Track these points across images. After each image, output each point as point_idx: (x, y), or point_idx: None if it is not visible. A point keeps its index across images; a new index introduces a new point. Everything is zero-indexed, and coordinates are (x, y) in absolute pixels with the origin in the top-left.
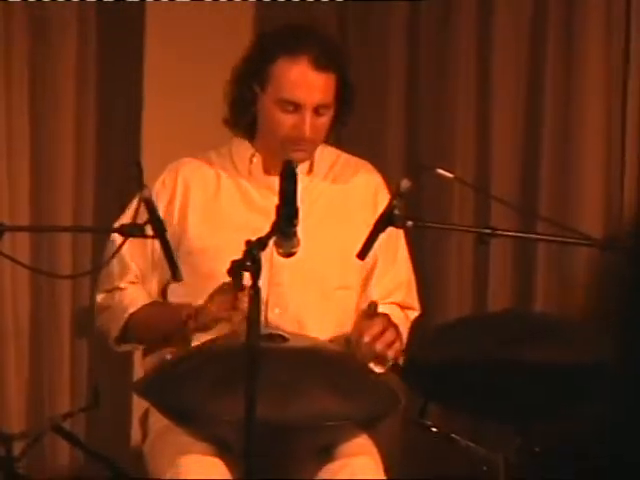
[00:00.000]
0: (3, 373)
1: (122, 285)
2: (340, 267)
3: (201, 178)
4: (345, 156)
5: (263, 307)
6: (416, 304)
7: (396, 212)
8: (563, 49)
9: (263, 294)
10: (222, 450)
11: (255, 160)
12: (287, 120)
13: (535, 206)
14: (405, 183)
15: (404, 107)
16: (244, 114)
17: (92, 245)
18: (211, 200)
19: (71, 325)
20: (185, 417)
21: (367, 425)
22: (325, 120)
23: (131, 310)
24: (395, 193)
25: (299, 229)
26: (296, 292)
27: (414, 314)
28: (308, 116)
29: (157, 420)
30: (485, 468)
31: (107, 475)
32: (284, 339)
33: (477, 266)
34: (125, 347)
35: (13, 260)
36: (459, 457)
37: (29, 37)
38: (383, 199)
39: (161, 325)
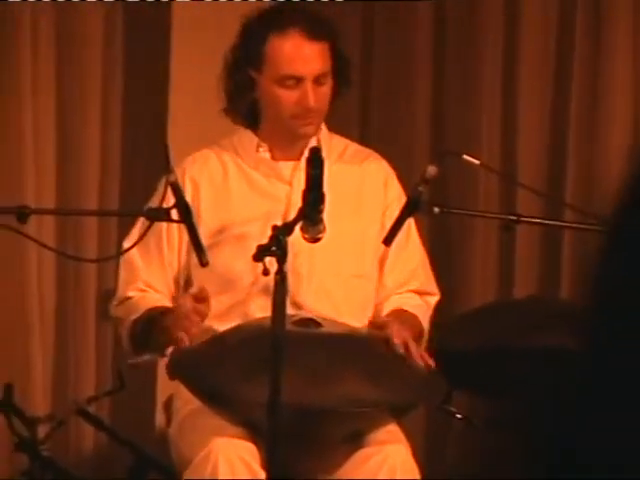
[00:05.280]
0: (29, 356)
1: (129, 294)
2: (354, 254)
3: (208, 174)
4: (354, 145)
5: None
6: (434, 288)
7: (422, 198)
8: (592, 35)
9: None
10: (254, 434)
11: (262, 148)
12: (290, 96)
13: (561, 193)
14: (431, 169)
15: (430, 93)
16: (242, 100)
17: (118, 229)
18: (221, 194)
19: (96, 309)
20: (217, 399)
21: (400, 412)
22: (326, 89)
23: (133, 317)
24: (421, 179)
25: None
26: (313, 280)
27: (434, 299)
28: (310, 87)
29: (184, 404)
30: None
31: (131, 459)
32: (318, 324)
33: (502, 253)
34: (143, 358)
35: (39, 243)
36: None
37: (56, 34)
38: (392, 187)
39: (152, 331)
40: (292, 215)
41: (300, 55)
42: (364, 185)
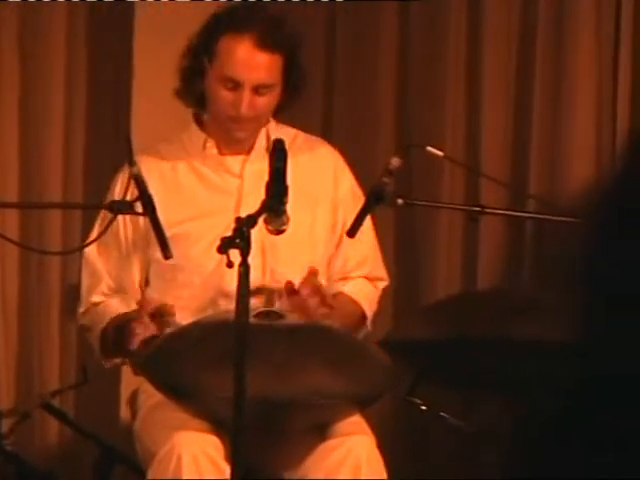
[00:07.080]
0: None
1: (95, 299)
2: (306, 242)
3: (157, 172)
4: (302, 134)
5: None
6: (384, 274)
7: (386, 190)
8: (554, 30)
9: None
10: (217, 427)
11: (209, 144)
12: (226, 97)
13: (525, 184)
14: (395, 161)
15: (394, 85)
16: (193, 85)
17: (82, 222)
18: (171, 190)
19: (60, 302)
20: (180, 393)
21: (364, 404)
22: (266, 100)
23: (101, 326)
24: (385, 171)
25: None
26: (267, 267)
27: (383, 284)
28: (246, 95)
29: (148, 397)
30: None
31: (96, 453)
32: (280, 316)
33: (467, 244)
34: (114, 361)
35: (2, 237)
36: (448, 435)
37: (19, 32)
38: (343, 178)
39: (119, 338)
40: (244, 208)
41: (245, 61)
42: (313, 174)
